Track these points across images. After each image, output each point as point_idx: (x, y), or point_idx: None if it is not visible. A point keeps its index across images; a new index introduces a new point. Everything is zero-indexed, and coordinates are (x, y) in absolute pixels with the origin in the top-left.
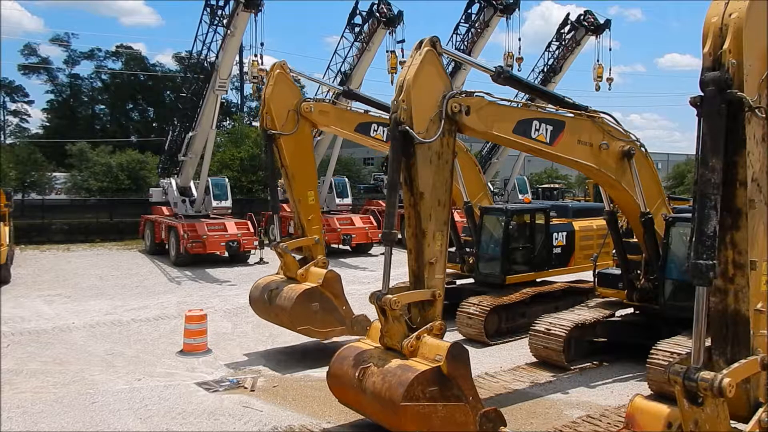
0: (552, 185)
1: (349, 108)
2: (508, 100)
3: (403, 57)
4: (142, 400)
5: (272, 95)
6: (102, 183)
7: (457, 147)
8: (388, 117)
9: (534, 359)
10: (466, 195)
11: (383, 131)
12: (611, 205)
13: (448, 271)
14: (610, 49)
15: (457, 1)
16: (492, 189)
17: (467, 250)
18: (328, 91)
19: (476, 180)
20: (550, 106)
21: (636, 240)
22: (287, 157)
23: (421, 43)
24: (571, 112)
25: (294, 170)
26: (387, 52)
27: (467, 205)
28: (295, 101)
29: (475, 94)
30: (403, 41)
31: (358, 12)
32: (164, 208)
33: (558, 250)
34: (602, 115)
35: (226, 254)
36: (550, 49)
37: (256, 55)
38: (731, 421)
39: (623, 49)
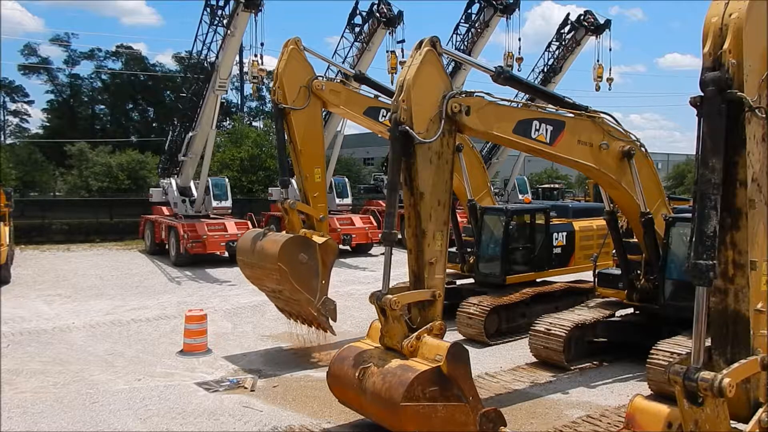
0: (552, 185)
1: (358, 91)
2: (508, 100)
3: (403, 57)
4: (142, 400)
5: (284, 70)
6: (102, 183)
7: (463, 143)
8: None
9: (534, 359)
10: (470, 192)
11: None
12: (611, 205)
13: (448, 271)
14: (611, 49)
15: (457, 1)
16: (492, 189)
17: (468, 250)
18: (337, 74)
19: (481, 177)
20: (550, 106)
21: (636, 240)
22: (296, 132)
23: (421, 43)
24: (571, 112)
25: (302, 146)
26: (387, 52)
27: (471, 203)
28: (307, 78)
29: (475, 94)
30: (403, 41)
31: (358, 12)
32: (164, 208)
33: (558, 250)
34: (602, 115)
35: (226, 254)
36: (550, 49)
37: (256, 55)
38: (731, 421)
39: (623, 49)
